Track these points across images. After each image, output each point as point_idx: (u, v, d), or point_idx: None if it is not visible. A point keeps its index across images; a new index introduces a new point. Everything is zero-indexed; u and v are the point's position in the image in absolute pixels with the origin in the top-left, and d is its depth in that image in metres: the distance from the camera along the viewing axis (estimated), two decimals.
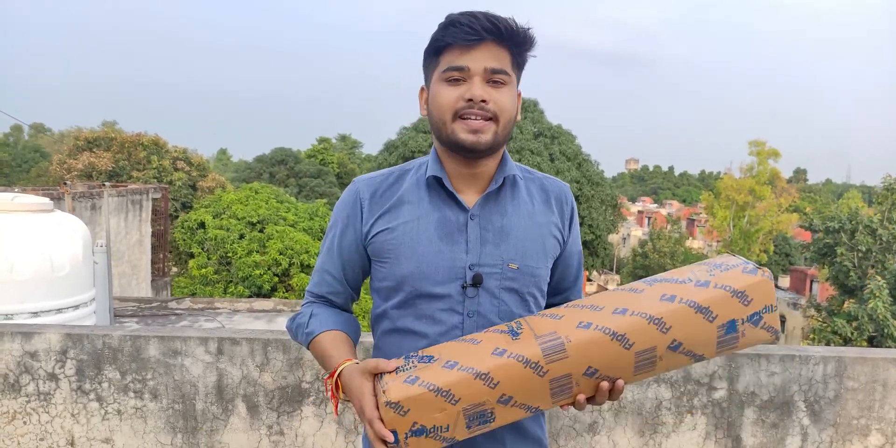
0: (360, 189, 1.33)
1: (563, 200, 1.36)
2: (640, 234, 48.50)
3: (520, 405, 1.10)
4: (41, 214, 5.09)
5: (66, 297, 4.88)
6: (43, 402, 2.77)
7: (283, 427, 2.79)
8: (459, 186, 1.29)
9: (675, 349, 1.12)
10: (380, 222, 1.28)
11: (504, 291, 1.26)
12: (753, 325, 1.14)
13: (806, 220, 18.62)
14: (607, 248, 24.65)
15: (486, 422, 1.10)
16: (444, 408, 1.07)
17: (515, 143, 21.92)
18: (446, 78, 1.21)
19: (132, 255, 13.06)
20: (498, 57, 1.21)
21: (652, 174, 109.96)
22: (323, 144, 35.67)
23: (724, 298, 1.12)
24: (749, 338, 1.16)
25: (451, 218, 1.26)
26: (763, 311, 1.14)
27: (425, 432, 1.08)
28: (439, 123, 1.24)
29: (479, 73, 1.19)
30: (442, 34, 1.21)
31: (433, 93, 1.24)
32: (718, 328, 1.13)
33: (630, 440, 2.80)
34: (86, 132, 23.33)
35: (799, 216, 26.78)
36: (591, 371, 1.11)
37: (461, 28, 1.18)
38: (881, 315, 14.04)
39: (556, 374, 1.10)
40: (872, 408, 2.82)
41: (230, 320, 8.93)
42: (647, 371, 1.14)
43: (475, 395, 1.08)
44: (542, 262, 1.30)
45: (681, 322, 1.11)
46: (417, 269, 1.24)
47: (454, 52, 1.20)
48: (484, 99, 1.19)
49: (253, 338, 2.78)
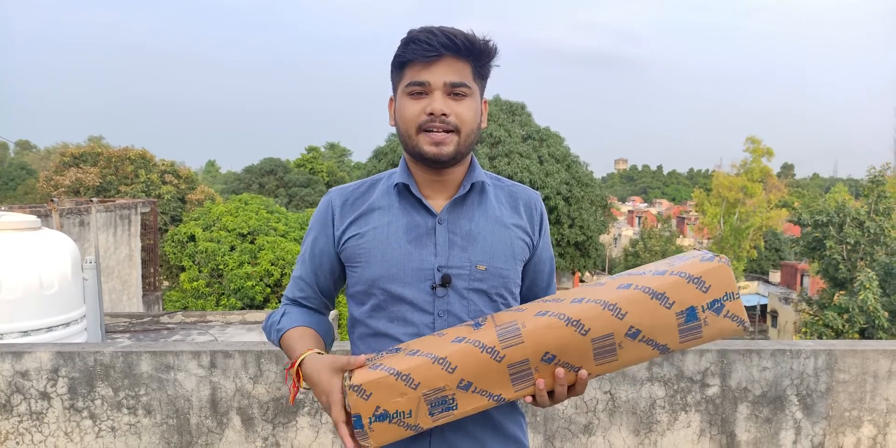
0: (332, 198, 1.39)
1: (532, 206, 1.40)
2: (631, 234, 48.68)
3: (481, 392, 1.13)
4: (29, 232, 5.06)
5: (56, 315, 4.85)
6: (35, 421, 2.75)
7: (278, 438, 2.78)
8: (428, 193, 1.34)
9: (634, 337, 1.13)
10: (351, 228, 1.33)
11: (472, 292, 1.29)
12: (715, 313, 1.15)
13: (795, 215, 18.76)
14: (598, 249, 24.70)
15: (448, 408, 1.12)
16: (405, 392, 1.11)
17: (504, 147, 21.98)
18: (409, 92, 1.27)
19: (122, 271, 12.98)
20: (458, 70, 1.26)
21: (641, 174, 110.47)
22: (312, 153, 35.66)
23: (679, 284, 1.14)
24: (713, 327, 1.16)
25: (419, 222, 1.31)
26: (724, 298, 1.15)
27: (388, 417, 1.11)
28: (405, 136, 1.29)
29: (439, 87, 1.25)
30: (403, 50, 1.26)
31: (398, 106, 1.30)
32: (678, 315, 1.14)
33: (625, 440, 2.81)
34: (72, 148, 23.21)
35: (788, 211, 26.97)
36: (548, 357, 1.13)
37: (420, 45, 1.23)
38: (871, 307, 14.16)
39: (514, 360, 1.12)
40: (864, 399, 2.85)
41: (223, 333, 8.89)
42: (608, 360, 1.15)
43: (434, 380, 1.11)
44: (511, 264, 1.33)
45: (637, 308, 1.13)
46: (387, 271, 1.28)
47: (415, 68, 1.26)
48: (444, 112, 1.24)
49: (245, 350, 2.77)
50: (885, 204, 17.21)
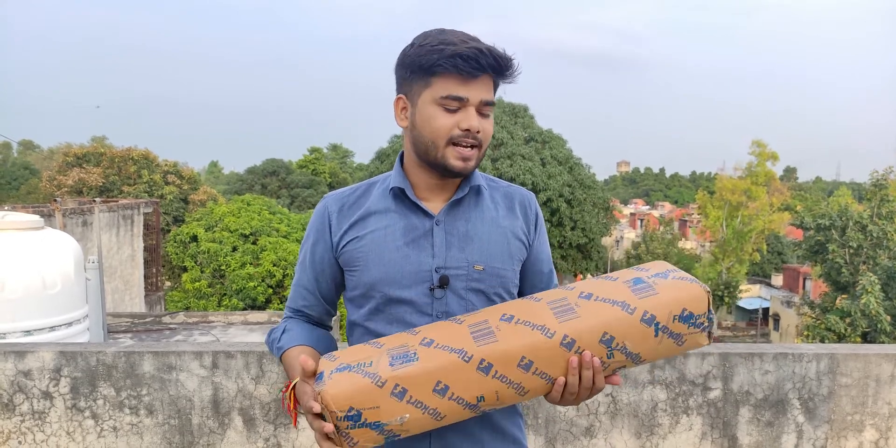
0: (328, 204, 1.39)
1: (527, 206, 1.41)
2: (634, 237, 48.60)
3: (443, 347, 1.12)
4: (32, 232, 5.08)
5: (58, 315, 4.86)
6: (38, 420, 2.76)
7: (279, 439, 2.78)
8: (425, 195, 1.35)
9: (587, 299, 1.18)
10: (349, 233, 1.34)
11: (470, 292, 1.30)
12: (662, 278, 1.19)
13: (797, 219, 18.74)
14: (601, 251, 24.67)
15: (408, 361, 1.12)
16: (370, 350, 1.17)
17: (506, 149, 21.98)
18: (443, 105, 1.26)
19: (125, 271, 13.01)
20: (490, 88, 1.28)
21: (643, 176, 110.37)
22: (314, 154, 35.66)
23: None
24: (664, 288, 1.16)
25: (416, 225, 1.32)
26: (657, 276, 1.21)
27: (349, 368, 1.12)
28: (429, 145, 1.28)
29: (475, 104, 1.26)
30: (444, 61, 1.23)
31: (426, 115, 1.27)
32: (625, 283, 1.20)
33: (627, 442, 2.81)
34: (75, 148, 23.26)
35: (791, 214, 26.93)
36: (507, 317, 1.16)
37: (468, 62, 1.22)
38: (874, 310, 14.13)
39: (473, 321, 1.17)
40: (866, 403, 2.85)
41: (225, 333, 8.89)
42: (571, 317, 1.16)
43: (397, 340, 1.17)
44: (508, 264, 1.34)
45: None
46: (385, 274, 1.29)
47: (452, 81, 1.24)
48: (478, 130, 1.27)
49: (247, 350, 2.78)
50: (888, 208, 17.19)
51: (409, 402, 1.09)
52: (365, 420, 1.09)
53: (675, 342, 1.15)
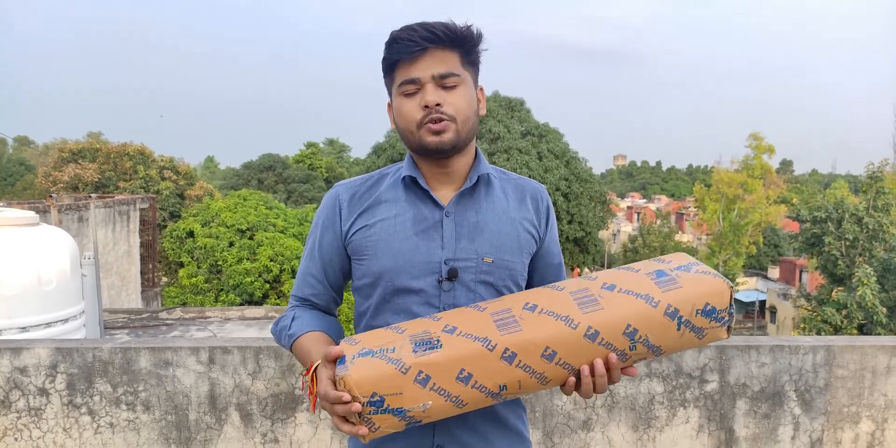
0: (339, 192, 1.38)
1: (538, 198, 1.40)
2: (630, 230, 48.66)
3: (466, 335, 1.12)
4: (27, 228, 5.06)
5: (54, 311, 4.85)
6: (34, 417, 2.75)
7: (277, 435, 2.78)
8: (434, 185, 1.34)
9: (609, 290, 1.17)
10: (358, 221, 1.33)
11: (479, 284, 1.29)
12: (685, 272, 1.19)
13: (793, 211, 18.77)
14: (598, 245, 24.70)
15: (432, 348, 1.11)
16: (391, 335, 1.15)
17: (503, 143, 21.95)
18: (403, 92, 1.27)
19: (121, 267, 12.98)
20: (444, 61, 1.26)
21: (640, 170, 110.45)
22: (311, 149, 35.60)
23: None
24: (688, 282, 1.16)
25: (426, 215, 1.31)
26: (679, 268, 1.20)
27: (371, 353, 1.12)
28: (407, 134, 1.29)
29: (428, 80, 1.25)
30: (388, 52, 1.27)
31: (396, 107, 1.30)
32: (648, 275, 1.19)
33: (624, 435, 2.82)
34: (71, 144, 23.19)
35: (787, 207, 26.98)
36: (530, 306, 1.16)
37: (403, 43, 1.24)
38: (870, 302, 14.17)
39: (496, 308, 1.17)
40: (862, 395, 2.85)
41: (222, 329, 8.89)
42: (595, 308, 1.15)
43: (419, 326, 1.16)
44: (518, 256, 1.33)
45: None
46: (394, 264, 1.28)
47: (403, 67, 1.26)
48: (438, 102, 1.24)
49: (244, 346, 2.77)
50: (884, 200, 17.22)
51: (433, 389, 1.09)
52: (388, 406, 1.08)
53: (696, 336, 1.15)
